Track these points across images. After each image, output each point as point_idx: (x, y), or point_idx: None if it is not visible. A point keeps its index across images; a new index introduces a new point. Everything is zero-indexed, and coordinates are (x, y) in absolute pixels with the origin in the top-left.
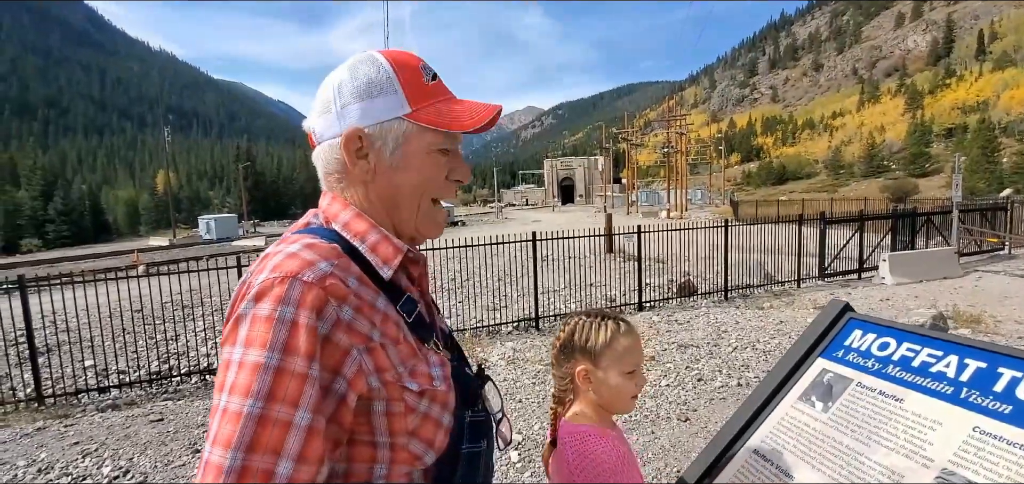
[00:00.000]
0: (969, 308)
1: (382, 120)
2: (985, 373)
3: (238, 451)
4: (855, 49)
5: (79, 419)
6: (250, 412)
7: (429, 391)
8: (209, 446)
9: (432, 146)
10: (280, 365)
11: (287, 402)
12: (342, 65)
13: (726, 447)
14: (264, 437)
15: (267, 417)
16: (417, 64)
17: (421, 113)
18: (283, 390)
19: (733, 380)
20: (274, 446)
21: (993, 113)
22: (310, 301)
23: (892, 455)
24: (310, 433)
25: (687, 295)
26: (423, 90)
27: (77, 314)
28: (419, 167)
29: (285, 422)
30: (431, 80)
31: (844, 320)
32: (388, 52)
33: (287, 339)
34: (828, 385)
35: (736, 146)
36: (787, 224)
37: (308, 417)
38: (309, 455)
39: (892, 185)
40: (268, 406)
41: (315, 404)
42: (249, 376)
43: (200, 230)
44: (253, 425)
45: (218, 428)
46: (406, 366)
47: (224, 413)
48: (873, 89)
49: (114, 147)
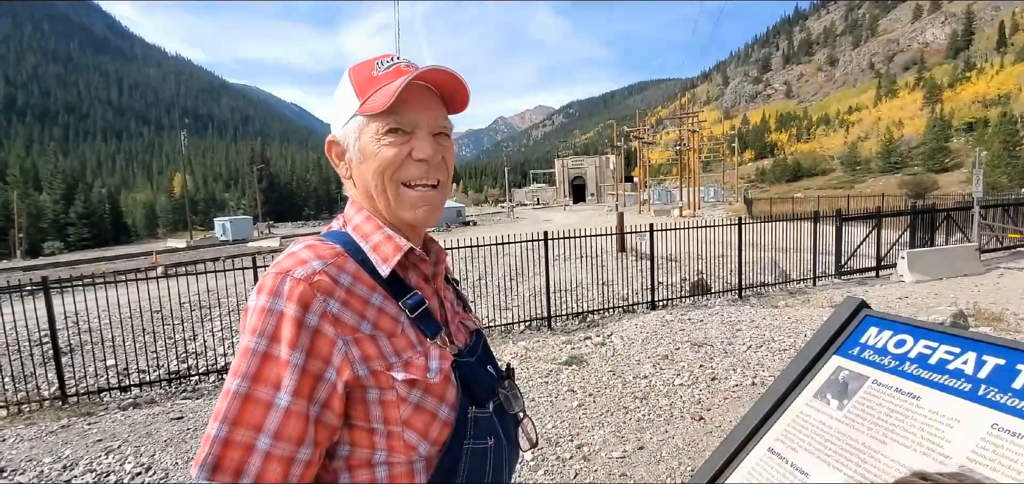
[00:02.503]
0: (990, 306)
1: (343, 121)
2: (1004, 370)
3: (224, 423)
4: (871, 43)
5: (102, 417)
6: (237, 390)
7: (421, 382)
8: (210, 420)
9: (379, 130)
10: (266, 351)
11: (269, 384)
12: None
13: (740, 445)
14: (247, 413)
15: (250, 396)
16: (375, 60)
17: (366, 103)
18: (266, 373)
19: (747, 379)
20: (255, 422)
21: (1015, 106)
22: (297, 295)
23: (909, 452)
24: (289, 414)
25: (700, 294)
26: (370, 81)
27: (99, 315)
28: (372, 154)
29: (266, 402)
30: (387, 69)
31: (859, 317)
32: (364, 61)
33: (274, 328)
34: (843, 383)
35: (750, 143)
36: (802, 222)
37: (287, 399)
38: (287, 434)
39: (910, 181)
40: (253, 386)
41: (296, 389)
42: (240, 359)
43: (216, 232)
44: (239, 402)
45: (218, 404)
46: (400, 357)
47: (223, 392)
48: (890, 83)
49: (132, 151)
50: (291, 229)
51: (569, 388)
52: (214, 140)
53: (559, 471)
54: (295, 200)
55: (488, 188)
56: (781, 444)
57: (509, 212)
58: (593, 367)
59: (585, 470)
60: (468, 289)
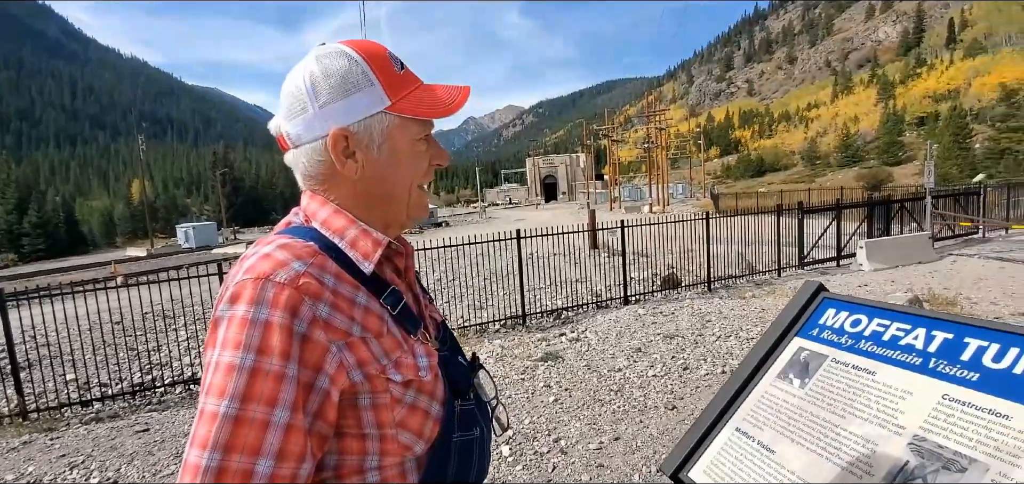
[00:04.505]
0: (944, 291)
1: (365, 116)
2: (952, 344)
3: (215, 451)
4: (828, 41)
5: (64, 432)
6: (226, 412)
7: (415, 382)
8: (188, 447)
9: (416, 135)
10: (255, 366)
11: (263, 401)
12: (305, 60)
13: (709, 427)
14: (241, 437)
15: (243, 417)
16: (385, 53)
17: (401, 104)
18: (259, 390)
19: (718, 368)
20: (252, 445)
21: (964, 100)
22: (284, 301)
23: (866, 425)
24: (289, 430)
25: (671, 287)
26: (397, 79)
27: (57, 328)
28: (409, 156)
29: (263, 421)
30: (400, 69)
31: (818, 300)
32: (352, 43)
33: (261, 340)
34: (804, 362)
35: (715, 140)
36: (766, 215)
37: (286, 415)
38: (289, 452)
39: (867, 174)
40: (244, 406)
41: (293, 402)
42: (224, 377)
43: (178, 239)
44: (230, 425)
45: (196, 429)
46: (390, 358)
47: (202, 414)
48: (846, 81)
49: (87, 157)
50: (258, 235)
51: (545, 384)
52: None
53: (537, 465)
54: (262, 205)
55: (459, 189)
56: (747, 423)
57: (482, 212)
58: (568, 363)
59: (563, 463)
60: (442, 290)
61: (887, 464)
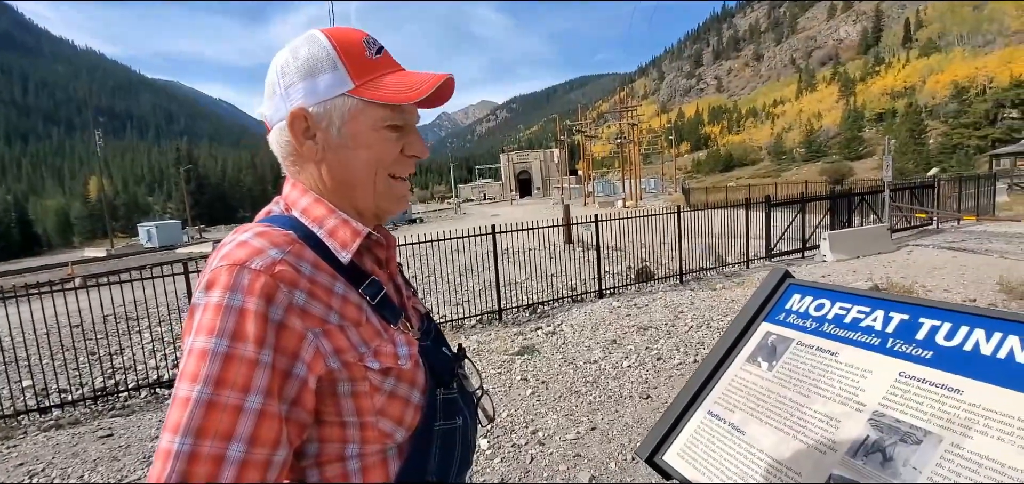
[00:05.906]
0: (901, 280)
1: (326, 98)
2: (908, 324)
3: (186, 436)
4: (792, 39)
5: (22, 441)
6: (198, 397)
7: (395, 370)
8: (161, 433)
9: (380, 122)
10: (228, 351)
11: (236, 387)
12: (285, 46)
13: (682, 411)
14: (213, 421)
15: (216, 402)
16: (360, 38)
17: (364, 88)
18: (232, 375)
19: (690, 357)
20: (224, 430)
21: (920, 97)
22: (259, 288)
23: (830, 403)
24: (262, 416)
25: (645, 280)
26: (366, 64)
27: (10, 332)
28: (368, 144)
29: (235, 406)
30: (376, 54)
31: (784, 286)
32: (330, 29)
33: (235, 326)
34: (772, 346)
35: (685, 135)
36: (735, 209)
37: (259, 400)
38: (262, 437)
39: (829, 168)
40: (217, 391)
41: (267, 388)
42: (198, 363)
43: (140, 238)
44: (202, 410)
45: (169, 414)
46: (369, 346)
47: (175, 400)
48: (810, 78)
49: (40, 154)
50: (225, 233)
51: (522, 377)
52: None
53: (515, 457)
54: (228, 202)
55: (434, 185)
56: (719, 406)
57: (456, 208)
58: (545, 356)
59: (540, 454)
60: (418, 286)
61: (849, 439)
